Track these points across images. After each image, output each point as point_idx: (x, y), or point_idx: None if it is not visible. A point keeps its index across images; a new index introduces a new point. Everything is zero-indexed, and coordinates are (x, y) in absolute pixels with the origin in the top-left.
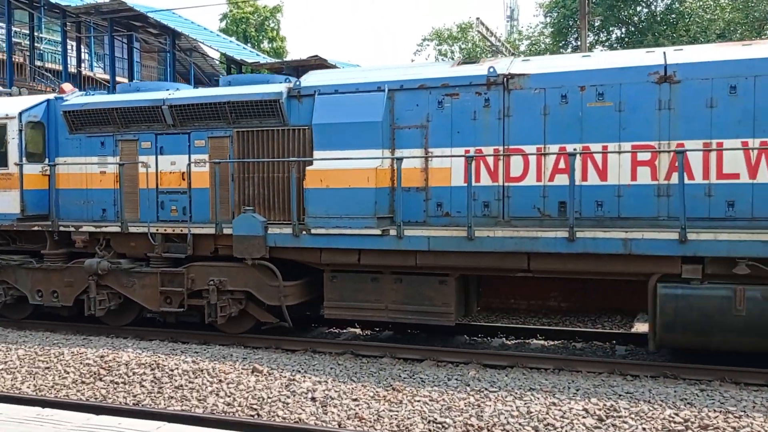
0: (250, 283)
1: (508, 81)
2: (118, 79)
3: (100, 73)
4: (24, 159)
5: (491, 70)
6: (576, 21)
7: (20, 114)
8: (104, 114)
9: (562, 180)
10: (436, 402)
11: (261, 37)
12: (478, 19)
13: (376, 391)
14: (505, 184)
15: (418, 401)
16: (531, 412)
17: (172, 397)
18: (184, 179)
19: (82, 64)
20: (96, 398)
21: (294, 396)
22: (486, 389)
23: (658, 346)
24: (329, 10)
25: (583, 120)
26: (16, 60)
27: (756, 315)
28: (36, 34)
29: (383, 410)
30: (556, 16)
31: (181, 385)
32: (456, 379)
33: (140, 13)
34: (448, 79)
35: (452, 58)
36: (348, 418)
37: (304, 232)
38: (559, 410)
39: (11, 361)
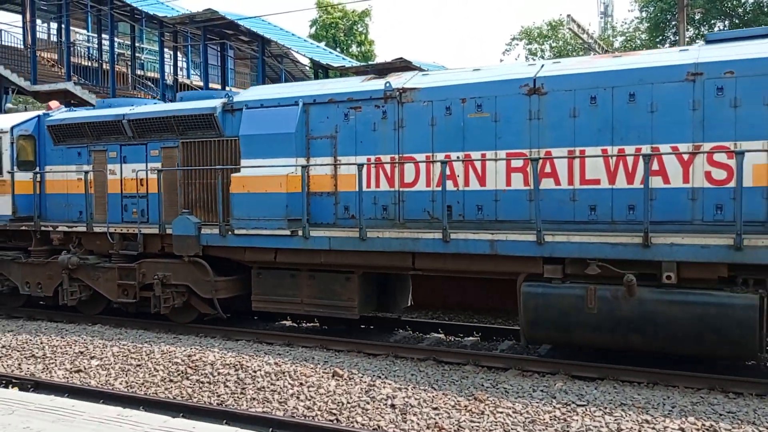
0: (189, 278)
1: (401, 95)
2: (211, 85)
3: (196, 81)
4: (15, 168)
5: (387, 85)
6: (674, 15)
7: (12, 128)
8: (79, 128)
9: (448, 186)
10: (519, 414)
11: (350, 42)
12: (569, 16)
13: (458, 401)
14: (400, 189)
15: (501, 413)
16: (621, 430)
17: (254, 399)
18: (142, 185)
19: (180, 72)
20: (182, 396)
21: (373, 402)
22: (573, 402)
23: (528, 342)
24: (417, 12)
25: (465, 130)
26: (119, 70)
27: (605, 313)
28: (137, 44)
29: (464, 420)
30: (653, 10)
31: (263, 387)
32: (542, 391)
33: (232, 22)
34: (352, 94)
35: (542, 57)
36: (428, 428)
37: (230, 233)
38: (653, 429)
39: (106, 357)
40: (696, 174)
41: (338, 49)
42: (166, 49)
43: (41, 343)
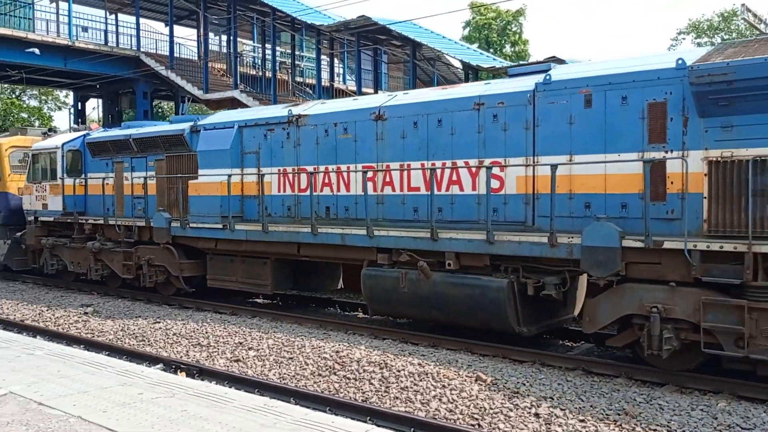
0: (165, 260)
1: (298, 120)
2: (365, 90)
3: (352, 86)
4: (65, 174)
5: (289, 111)
6: None
7: (63, 145)
8: (106, 144)
9: (326, 191)
10: None
11: (503, 42)
12: (743, 5)
13: (606, 414)
14: (298, 193)
15: (654, 430)
16: None
17: (397, 398)
18: (143, 189)
19: (336, 78)
20: (329, 391)
21: (517, 409)
22: (737, 425)
23: (371, 314)
24: (576, 7)
25: (336, 147)
26: (280, 77)
27: (413, 291)
28: (297, 52)
29: None
30: None
31: (407, 387)
32: (701, 410)
33: (384, 27)
34: (269, 119)
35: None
36: None
37: (187, 226)
38: None
39: (262, 349)
40: (480, 183)
41: (491, 50)
42: (323, 56)
43: (206, 332)
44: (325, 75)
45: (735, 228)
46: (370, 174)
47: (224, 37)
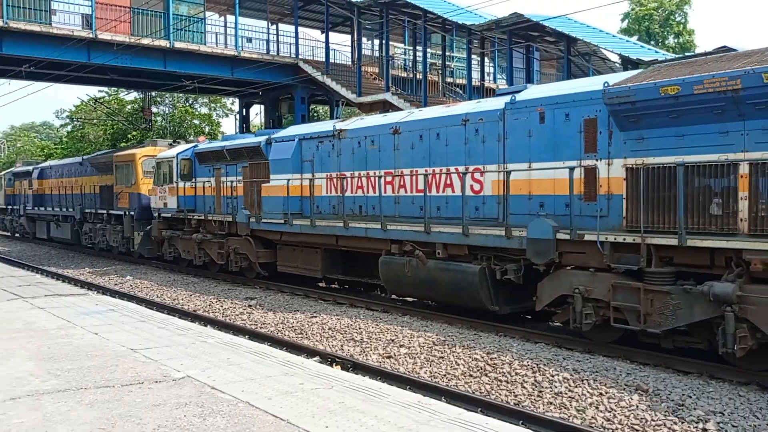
0: (246, 249)
1: (340, 133)
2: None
3: (503, 85)
4: (179, 179)
5: (333, 127)
6: None
7: (177, 155)
8: (208, 154)
9: (359, 192)
10: None
11: (666, 33)
12: None
13: None
14: (339, 194)
15: None
16: None
17: (551, 403)
18: (234, 191)
19: (486, 78)
20: (480, 392)
21: (682, 423)
22: None
23: (390, 294)
24: None
25: (366, 156)
26: (431, 78)
27: (414, 275)
28: (447, 53)
29: None
30: None
31: (561, 393)
32: None
33: (537, 23)
34: (320, 132)
35: None
36: None
37: (261, 221)
38: None
39: (413, 347)
40: (466, 186)
41: (652, 42)
42: (473, 56)
43: (359, 328)
44: (475, 75)
45: (641, 223)
46: (389, 179)
47: (376, 42)
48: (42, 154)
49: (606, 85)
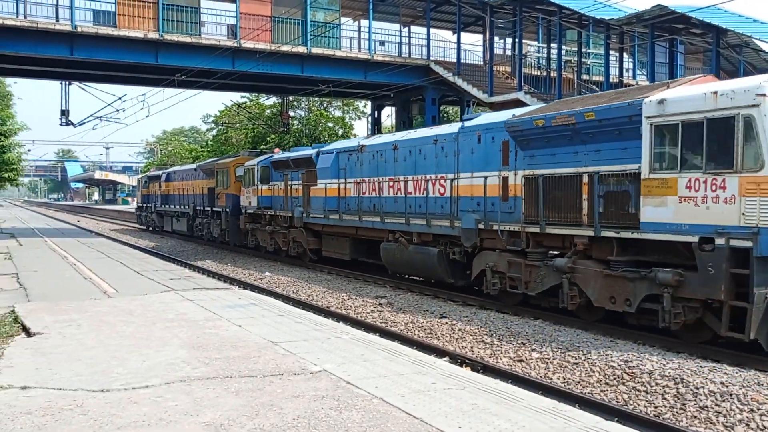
0: (301, 238)
1: (362, 148)
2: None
3: (642, 81)
4: (259, 182)
5: (357, 143)
6: None
7: (258, 163)
8: (278, 163)
9: (373, 194)
10: None
11: None
12: None
13: None
14: (359, 195)
15: None
16: None
17: (695, 417)
18: (297, 192)
19: (625, 74)
20: (618, 401)
21: None
22: None
23: (391, 272)
24: None
25: (377, 166)
26: (566, 76)
27: (401, 256)
28: (583, 49)
29: None
30: None
31: (706, 406)
32: None
33: (682, 15)
34: (349, 147)
35: None
36: None
37: (309, 216)
38: None
39: (545, 352)
40: (436, 190)
41: None
42: (611, 52)
43: (489, 331)
44: (613, 71)
45: (533, 218)
46: (390, 183)
47: (508, 40)
48: (190, 156)
49: (511, 116)
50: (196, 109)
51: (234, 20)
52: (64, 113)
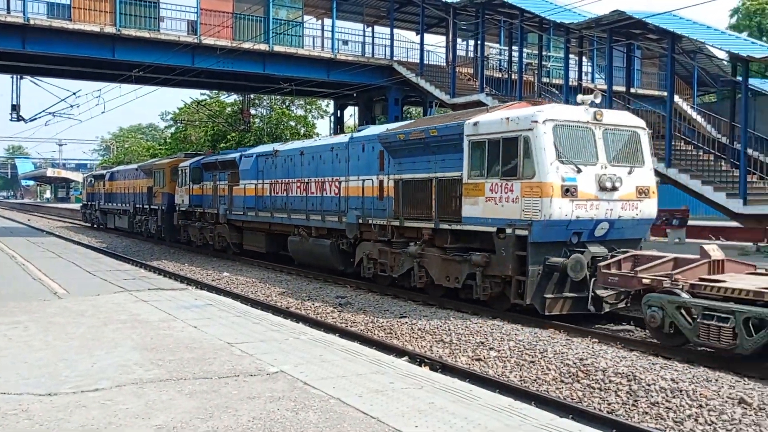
0: (224, 233)
1: (276, 153)
2: (615, 88)
3: (601, 84)
4: (191, 182)
5: (273, 148)
6: None
7: (189, 164)
8: (209, 164)
9: (283, 194)
10: None
11: None
12: None
13: None
14: (272, 195)
15: None
16: None
17: (646, 413)
18: (224, 192)
19: (584, 77)
20: (572, 398)
21: None
22: None
23: (297, 264)
24: None
25: (288, 169)
26: (526, 79)
27: (303, 247)
28: (544, 53)
29: None
30: None
31: (657, 402)
32: None
33: (639, 20)
34: (266, 152)
35: None
36: None
37: (230, 213)
38: None
39: (503, 350)
40: (331, 190)
41: (764, 38)
42: (571, 56)
43: (449, 330)
44: (572, 75)
45: (399, 214)
46: (297, 184)
47: (471, 42)
48: (147, 154)
49: (384, 130)
50: (155, 105)
51: (194, 16)
52: (15, 108)
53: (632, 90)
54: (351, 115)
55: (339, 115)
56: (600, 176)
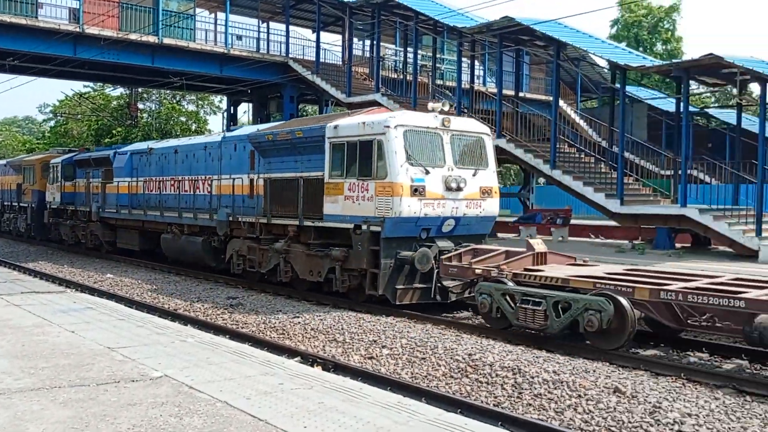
0: (98, 231)
1: (150, 151)
2: (505, 92)
3: (492, 88)
4: (63, 180)
5: (147, 146)
6: None
7: (61, 161)
8: (82, 161)
9: (156, 191)
10: None
11: (654, 40)
12: None
13: None
14: (147, 192)
15: None
16: None
17: (530, 404)
18: (97, 189)
19: (477, 81)
20: (461, 393)
21: (658, 425)
22: None
23: (170, 262)
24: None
25: (162, 167)
26: (421, 80)
27: (176, 244)
28: (438, 55)
29: None
30: None
31: (540, 394)
32: None
33: (527, 27)
34: (141, 149)
35: None
36: None
37: (104, 211)
38: None
39: (395, 348)
40: (204, 188)
41: (641, 49)
42: (464, 59)
43: (342, 329)
44: (465, 78)
45: (268, 212)
46: (171, 182)
47: (368, 42)
48: (23, 148)
49: (254, 131)
50: (32, 97)
51: (77, 3)
52: None
53: (521, 94)
54: (245, 111)
55: (232, 111)
56: (446, 177)
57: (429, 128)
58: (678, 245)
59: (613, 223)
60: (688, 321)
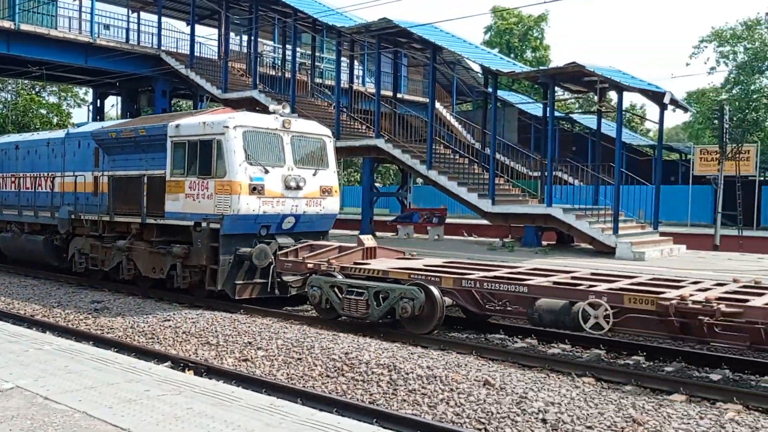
0: None
1: (19, 144)
2: (384, 92)
3: (371, 88)
4: None
5: (13, 140)
6: None
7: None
8: None
9: (22, 188)
10: None
11: (524, 47)
12: (767, 14)
13: (614, 421)
14: (21, 190)
15: None
16: None
17: (404, 400)
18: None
19: (356, 80)
20: (337, 392)
21: (524, 414)
22: None
23: (10, 261)
24: (598, 15)
25: (2, 164)
26: (300, 78)
27: (22, 244)
28: (317, 54)
29: None
30: None
31: (414, 390)
32: (709, 419)
33: (405, 30)
34: (5, 145)
35: (734, 60)
36: None
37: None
38: None
39: (271, 349)
40: (46, 186)
41: (512, 55)
42: (343, 58)
43: (216, 331)
44: (344, 77)
45: (114, 210)
46: (13, 179)
47: (245, 37)
48: None
49: (98, 128)
50: None
51: None
52: None
53: (399, 95)
54: (113, 105)
55: (99, 104)
56: (286, 177)
57: (269, 129)
58: (544, 243)
59: (486, 222)
60: (487, 306)
